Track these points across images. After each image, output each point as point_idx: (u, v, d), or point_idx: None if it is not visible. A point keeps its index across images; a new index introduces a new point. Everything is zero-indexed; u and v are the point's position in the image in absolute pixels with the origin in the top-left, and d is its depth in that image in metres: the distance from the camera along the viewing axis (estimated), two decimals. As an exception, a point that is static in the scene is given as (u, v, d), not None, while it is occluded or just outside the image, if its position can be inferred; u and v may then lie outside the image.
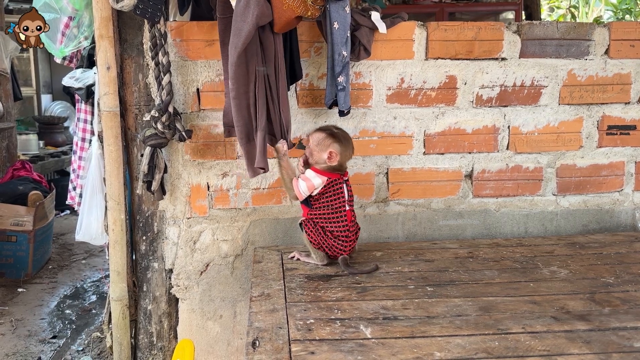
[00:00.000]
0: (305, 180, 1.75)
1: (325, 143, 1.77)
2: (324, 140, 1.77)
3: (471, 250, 1.98)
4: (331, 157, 1.75)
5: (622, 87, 2.23)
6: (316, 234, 1.77)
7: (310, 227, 1.78)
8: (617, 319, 1.41)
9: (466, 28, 2.12)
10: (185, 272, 2.14)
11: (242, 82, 1.76)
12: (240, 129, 1.80)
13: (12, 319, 3.12)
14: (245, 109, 1.79)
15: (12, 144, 4.74)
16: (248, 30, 1.69)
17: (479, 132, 2.19)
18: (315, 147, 1.78)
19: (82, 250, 4.35)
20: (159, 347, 2.17)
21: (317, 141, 1.78)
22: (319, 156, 1.77)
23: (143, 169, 1.96)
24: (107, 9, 1.88)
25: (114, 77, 1.94)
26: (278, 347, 1.27)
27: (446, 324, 1.38)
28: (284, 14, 1.74)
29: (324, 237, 1.77)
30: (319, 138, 1.78)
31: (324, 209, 1.77)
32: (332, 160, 1.76)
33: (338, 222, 1.76)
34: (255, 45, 1.77)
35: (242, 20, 1.70)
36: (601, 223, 2.31)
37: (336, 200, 1.76)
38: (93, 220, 2.14)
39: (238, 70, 1.75)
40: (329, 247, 1.78)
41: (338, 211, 1.76)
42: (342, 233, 1.77)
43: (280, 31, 1.81)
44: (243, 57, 1.74)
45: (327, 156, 1.75)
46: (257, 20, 1.70)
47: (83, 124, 2.50)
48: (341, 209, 1.77)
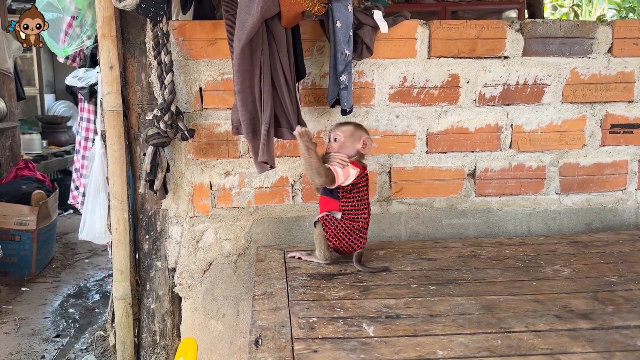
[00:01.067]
0: (341, 169, 1.74)
1: (357, 133, 1.80)
2: (355, 131, 1.80)
3: (474, 249, 1.98)
4: (366, 144, 1.79)
5: (625, 85, 2.22)
6: (335, 231, 1.77)
7: (332, 222, 1.77)
8: (621, 317, 1.41)
9: (469, 27, 2.11)
10: (188, 271, 2.14)
11: (247, 76, 1.76)
12: (246, 124, 1.80)
13: (15, 318, 3.14)
14: (250, 104, 1.79)
15: (15, 143, 4.76)
16: (253, 23, 1.68)
17: (482, 130, 2.18)
18: (348, 139, 1.79)
19: (86, 249, 4.36)
20: (162, 346, 2.18)
21: (350, 133, 1.79)
22: (352, 147, 1.79)
23: (146, 168, 1.96)
24: (109, 8, 1.88)
25: (117, 77, 1.94)
26: (281, 345, 1.27)
27: (449, 323, 1.38)
28: (293, 7, 1.74)
29: (343, 233, 1.77)
30: (350, 130, 1.80)
31: (354, 201, 1.78)
32: (366, 148, 1.79)
33: (364, 214, 1.79)
34: (260, 38, 1.76)
35: (246, 13, 1.69)
36: (604, 222, 2.30)
37: (365, 193, 1.80)
38: (96, 219, 2.15)
39: (242, 64, 1.74)
40: (346, 244, 1.78)
41: (366, 204, 1.80)
42: (364, 226, 1.79)
43: (288, 25, 1.80)
44: (247, 51, 1.73)
45: (361, 145, 1.79)
46: (263, 12, 1.68)
47: (86, 123, 2.51)
48: (367, 201, 1.81)
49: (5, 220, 3.72)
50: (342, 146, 1.79)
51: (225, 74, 2.05)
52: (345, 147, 1.79)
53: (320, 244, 1.80)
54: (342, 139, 1.79)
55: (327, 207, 1.81)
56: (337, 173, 1.72)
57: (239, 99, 1.78)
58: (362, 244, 1.80)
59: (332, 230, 1.77)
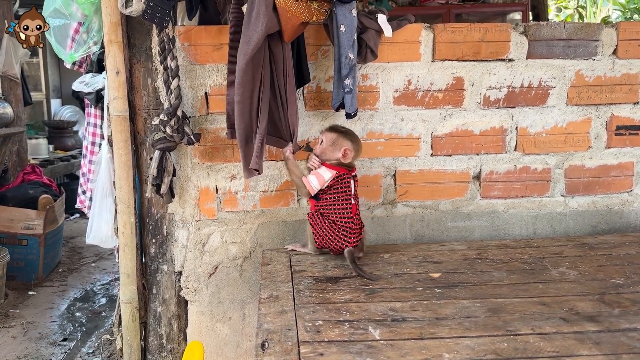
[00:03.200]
0: (317, 175, 1.82)
1: (338, 142, 1.83)
2: (338, 140, 1.83)
3: (479, 252, 1.98)
4: (345, 155, 1.82)
5: (630, 87, 2.22)
6: (320, 226, 1.83)
7: (315, 219, 1.84)
8: (627, 320, 1.40)
9: (473, 29, 2.12)
10: (195, 275, 2.15)
11: (247, 88, 1.80)
12: (240, 132, 1.85)
13: (23, 322, 3.15)
14: (247, 114, 1.84)
15: (22, 148, 4.79)
16: (257, 39, 1.74)
17: (487, 133, 2.18)
18: (329, 147, 1.84)
19: (92, 253, 4.39)
20: (168, 349, 2.19)
21: (331, 141, 1.84)
22: (332, 155, 1.84)
23: (152, 172, 1.97)
24: (116, 14, 1.90)
25: (123, 82, 1.96)
26: (287, 348, 1.28)
27: (455, 326, 1.38)
28: (289, 21, 1.77)
29: (328, 229, 1.82)
30: (332, 137, 1.84)
31: (330, 201, 1.83)
32: (346, 157, 1.82)
33: (343, 214, 1.82)
34: (262, 53, 1.81)
35: (253, 30, 1.75)
36: (610, 224, 2.30)
37: (343, 193, 1.83)
38: (103, 223, 2.16)
39: (245, 77, 1.79)
40: (333, 240, 1.82)
41: (344, 204, 1.83)
42: (346, 224, 1.82)
43: (289, 40, 1.85)
44: (250, 64, 1.78)
45: (341, 154, 1.82)
46: (266, 29, 1.74)
47: (93, 128, 2.52)
48: (347, 201, 1.83)
49: (12, 225, 3.75)
50: (324, 151, 1.85)
51: (227, 77, 2.06)
52: (326, 153, 1.85)
53: (310, 237, 1.89)
54: (325, 145, 1.85)
55: (311, 206, 1.90)
56: (310, 185, 1.82)
57: (237, 109, 1.83)
58: (350, 242, 1.82)
59: (316, 228, 1.84)
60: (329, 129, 1.88)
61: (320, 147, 1.86)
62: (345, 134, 1.86)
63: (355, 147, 1.85)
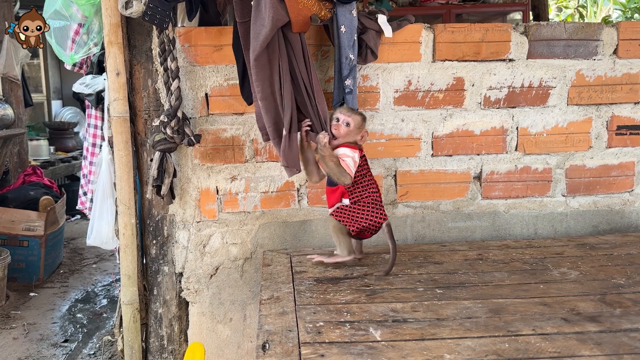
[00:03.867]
0: (350, 157, 1.79)
1: (362, 126, 1.84)
2: (362, 123, 1.84)
3: (480, 252, 1.97)
4: (363, 137, 1.85)
5: (631, 86, 2.21)
6: (351, 215, 1.78)
7: (343, 213, 1.79)
8: (629, 320, 1.40)
9: (473, 30, 2.12)
10: (195, 276, 2.15)
11: (267, 84, 1.78)
12: (272, 129, 1.83)
13: (24, 323, 3.16)
14: (273, 110, 1.82)
15: (23, 149, 4.80)
16: (266, 33, 1.72)
17: (487, 133, 2.18)
18: (356, 129, 1.82)
19: (93, 254, 4.39)
20: (169, 351, 2.19)
21: (359, 123, 1.83)
22: (354, 137, 1.83)
23: (152, 173, 1.97)
24: (116, 15, 1.90)
25: (124, 83, 1.96)
26: (288, 349, 1.28)
27: (456, 326, 1.38)
28: (301, 12, 1.76)
29: (364, 209, 1.78)
30: (359, 121, 1.83)
31: (363, 180, 1.81)
32: (363, 139, 1.85)
33: (374, 189, 1.81)
34: (276, 46, 1.78)
35: (260, 25, 1.73)
36: (612, 224, 2.30)
37: (366, 170, 1.83)
38: (104, 224, 2.16)
39: (261, 73, 1.77)
40: (372, 217, 1.78)
41: (371, 180, 1.82)
42: (376, 199, 1.81)
43: (298, 31, 1.81)
44: (265, 59, 1.76)
45: (360, 137, 1.84)
46: (274, 22, 1.72)
47: (93, 129, 2.53)
48: (372, 177, 1.83)
49: (13, 226, 3.75)
50: (349, 133, 1.82)
51: (231, 80, 2.06)
52: (349, 135, 1.82)
53: (339, 239, 1.80)
54: (352, 127, 1.82)
55: (336, 195, 1.84)
56: (350, 169, 1.78)
57: (262, 107, 1.81)
58: (384, 216, 1.80)
59: (349, 217, 1.78)
60: (353, 111, 1.84)
61: (345, 129, 1.80)
62: (365, 117, 1.87)
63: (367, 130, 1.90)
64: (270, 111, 1.81)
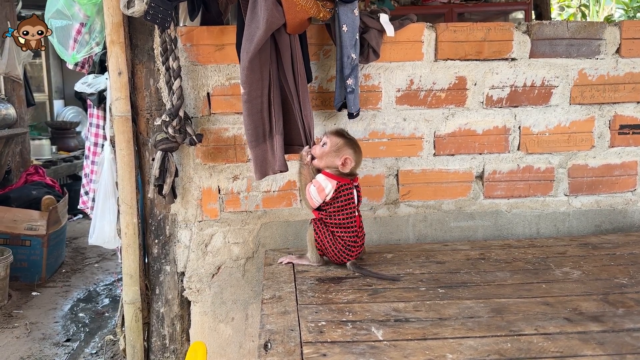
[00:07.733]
0: (316, 185, 1.73)
1: (342, 149, 1.74)
2: (343, 146, 1.74)
3: (483, 252, 1.97)
4: (345, 163, 1.73)
5: (634, 86, 2.21)
6: (324, 236, 1.75)
7: (321, 228, 1.76)
8: (631, 320, 1.40)
9: (475, 29, 2.11)
10: (197, 275, 2.15)
11: (255, 87, 1.78)
12: (250, 133, 1.82)
13: (26, 323, 3.16)
14: (256, 114, 1.81)
15: (25, 149, 4.81)
16: (260, 36, 1.71)
17: (490, 132, 2.18)
18: (332, 152, 1.74)
19: (95, 254, 4.40)
20: (171, 350, 2.19)
21: (336, 146, 1.74)
22: (332, 161, 1.74)
23: (154, 172, 1.97)
24: (118, 15, 1.90)
25: (126, 83, 1.96)
26: (290, 349, 1.28)
27: (458, 326, 1.38)
28: (297, 15, 1.75)
29: (332, 241, 1.75)
30: (338, 143, 1.74)
31: (335, 216, 1.74)
32: (345, 167, 1.73)
33: (348, 229, 1.74)
34: (270, 50, 1.78)
35: (255, 27, 1.72)
36: (614, 223, 2.29)
37: (347, 206, 1.74)
38: (106, 224, 2.16)
39: (251, 75, 1.77)
40: (336, 252, 1.76)
41: (349, 218, 1.74)
42: (350, 240, 1.75)
43: (293, 32, 1.81)
44: (256, 62, 1.76)
45: (340, 162, 1.73)
46: (269, 25, 1.71)
47: (95, 129, 2.53)
48: (351, 214, 1.75)
49: (15, 226, 3.76)
50: (324, 155, 1.75)
51: (233, 79, 2.06)
52: (327, 157, 1.75)
53: (311, 245, 1.79)
54: (327, 149, 1.75)
55: (315, 214, 1.80)
56: (312, 200, 1.74)
57: (245, 109, 1.80)
58: (352, 256, 1.77)
59: (322, 235, 1.76)
60: (336, 133, 1.78)
61: (321, 150, 1.75)
62: (351, 143, 1.76)
63: (356, 158, 1.75)
64: (253, 115, 1.80)
